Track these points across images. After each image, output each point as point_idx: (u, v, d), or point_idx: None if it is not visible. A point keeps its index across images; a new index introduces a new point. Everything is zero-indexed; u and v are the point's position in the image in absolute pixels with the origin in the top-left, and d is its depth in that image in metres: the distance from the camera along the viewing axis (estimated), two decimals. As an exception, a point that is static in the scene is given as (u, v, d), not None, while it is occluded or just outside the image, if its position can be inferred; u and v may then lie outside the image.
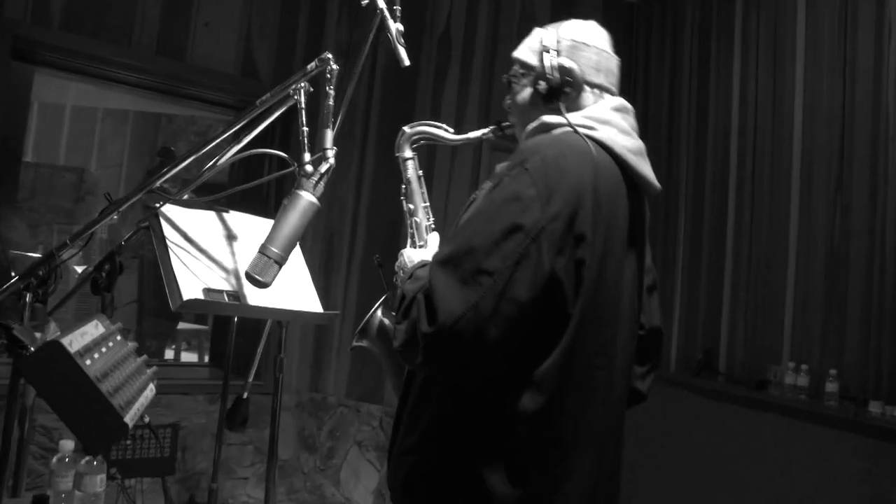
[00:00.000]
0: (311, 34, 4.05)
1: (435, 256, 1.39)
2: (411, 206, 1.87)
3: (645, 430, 4.12)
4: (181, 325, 6.32)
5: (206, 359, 5.95)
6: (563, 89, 1.55)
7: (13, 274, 4.15)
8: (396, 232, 4.26)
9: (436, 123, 1.91)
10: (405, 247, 1.81)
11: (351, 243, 4.19)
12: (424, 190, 1.91)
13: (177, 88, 3.88)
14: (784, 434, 3.48)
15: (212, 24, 3.76)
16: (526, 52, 1.66)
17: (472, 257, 1.31)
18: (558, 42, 1.59)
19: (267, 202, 3.97)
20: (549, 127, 1.54)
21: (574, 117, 1.52)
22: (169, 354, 6.17)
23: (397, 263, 1.70)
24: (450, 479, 1.39)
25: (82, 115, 7.59)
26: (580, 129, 1.48)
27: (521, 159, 1.41)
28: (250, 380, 2.58)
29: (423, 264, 1.55)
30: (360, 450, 4.14)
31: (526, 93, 1.64)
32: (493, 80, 4.52)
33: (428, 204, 1.89)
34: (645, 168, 1.57)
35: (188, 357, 6.39)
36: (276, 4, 3.95)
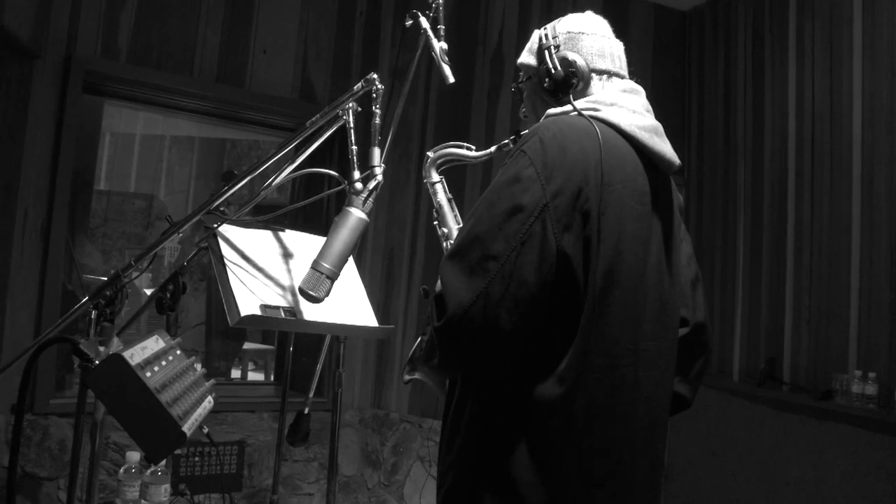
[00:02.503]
0: (367, 57, 4.14)
1: (447, 251, 1.36)
2: (445, 230, 1.88)
3: (709, 441, 4.06)
4: (248, 346, 6.45)
5: (272, 377, 6.07)
6: (569, 81, 1.52)
7: (87, 297, 4.30)
8: (454, 248, 4.30)
9: (458, 143, 1.91)
10: None
11: (410, 260, 4.24)
12: (457, 212, 1.91)
13: (238, 114, 4.01)
14: (853, 444, 3.40)
15: (269, 51, 3.88)
16: (527, 55, 1.64)
17: (478, 245, 1.29)
18: (555, 37, 1.57)
19: (327, 221, 4.06)
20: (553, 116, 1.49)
21: (579, 103, 1.48)
22: (236, 374, 6.30)
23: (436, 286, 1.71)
24: (487, 488, 1.34)
25: (151, 144, 7.87)
26: (585, 112, 1.45)
27: (521, 143, 1.39)
28: (311, 395, 2.64)
29: None
30: (424, 465, 4.18)
31: (533, 95, 1.63)
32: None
33: (462, 225, 1.89)
34: (660, 145, 1.51)
35: (255, 377, 6.52)
36: (332, 29, 4.06)
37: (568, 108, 1.48)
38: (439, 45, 1.85)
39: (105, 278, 1.80)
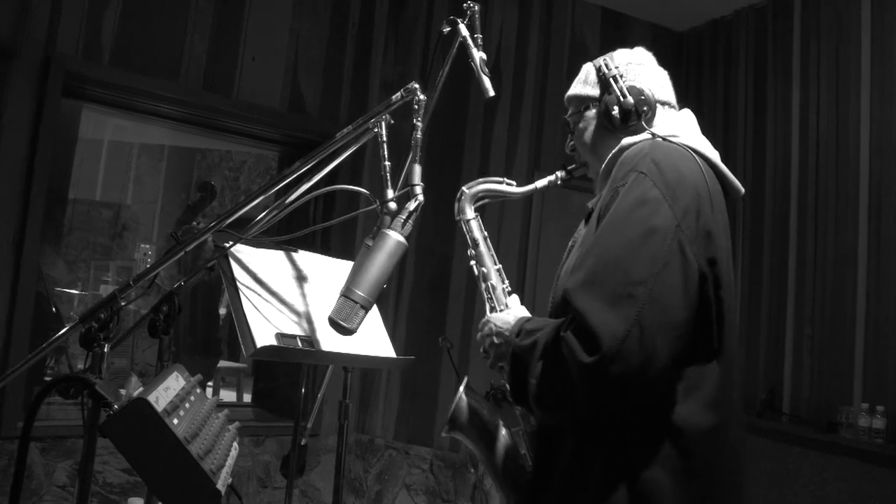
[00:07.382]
0: (358, 69, 3.99)
1: (570, 283, 1.26)
2: (484, 270, 1.73)
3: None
4: (221, 364, 6.20)
5: (245, 397, 5.83)
6: (639, 110, 1.50)
7: (54, 310, 4.03)
8: (445, 271, 4.13)
9: (495, 179, 1.81)
10: (488, 311, 1.66)
11: (399, 282, 4.08)
12: (493, 251, 1.77)
13: (223, 123, 3.83)
14: (858, 479, 3.29)
15: (258, 59, 3.71)
16: (582, 87, 1.61)
17: (617, 270, 1.22)
18: (616, 67, 1.56)
19: (313, 242, 3.88)
20: (632, 145, 1.46)
21: (657, 131, 1.48)
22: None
23: (483, 332, 1.55)
24: None
25: (119, 151, 7.58)
26: (670, 139, 1.44)
27: (630, 167, 1.35)
28: (309, 425, 2.48)
29: (526, 319, 1.44)
30: (410, 493, 4.00)
31: (593, 126, 1.59)
32: (545, 113, 4.43)
33: (500, 266, 1.74)
34: (730, 173, 1.52)
35: (225, 395, 6.27)
36: (323, 40, 3.90)
37: (646, 135, 1.45)
38: (479, 56, 1.71)
39: (72, 291, 1.62)
